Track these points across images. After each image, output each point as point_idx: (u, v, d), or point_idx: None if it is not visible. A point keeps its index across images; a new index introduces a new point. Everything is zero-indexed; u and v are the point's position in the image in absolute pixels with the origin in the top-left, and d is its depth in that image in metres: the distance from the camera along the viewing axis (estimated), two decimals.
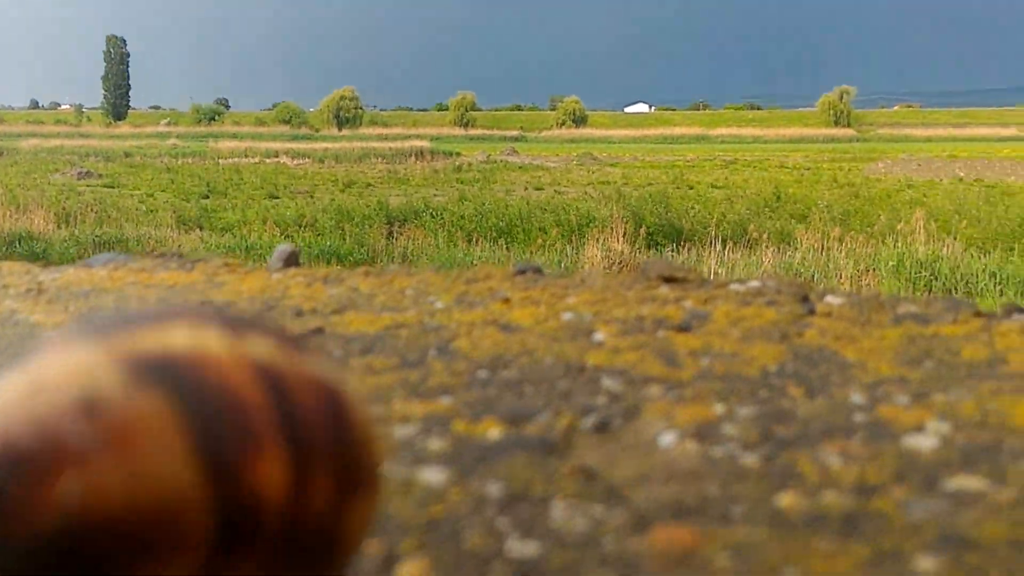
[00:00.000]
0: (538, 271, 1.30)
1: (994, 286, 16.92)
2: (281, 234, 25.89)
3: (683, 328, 0.98)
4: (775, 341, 0.93)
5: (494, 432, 0.74)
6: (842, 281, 17.43)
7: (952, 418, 0.75)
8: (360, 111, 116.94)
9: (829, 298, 1.11)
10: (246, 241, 23.49)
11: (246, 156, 67.27)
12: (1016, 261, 18.13)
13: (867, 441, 0.70)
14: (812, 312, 1.04)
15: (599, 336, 0.97)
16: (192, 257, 1.52)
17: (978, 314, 1.04)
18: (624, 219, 23.00)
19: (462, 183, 45.43)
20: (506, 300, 1.13)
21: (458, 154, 71.44)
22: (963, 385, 0.82)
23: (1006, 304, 1.06)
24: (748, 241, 22.26)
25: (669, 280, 1.19)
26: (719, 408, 0.76)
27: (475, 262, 21.73)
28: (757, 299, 1.11)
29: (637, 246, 21.84)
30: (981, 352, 0.90)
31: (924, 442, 0.70)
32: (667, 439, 0.72)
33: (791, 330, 0.97)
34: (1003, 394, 0.80)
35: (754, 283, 1.16)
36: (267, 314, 1.14)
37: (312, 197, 37.82)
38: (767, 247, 20.80)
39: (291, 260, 1.44)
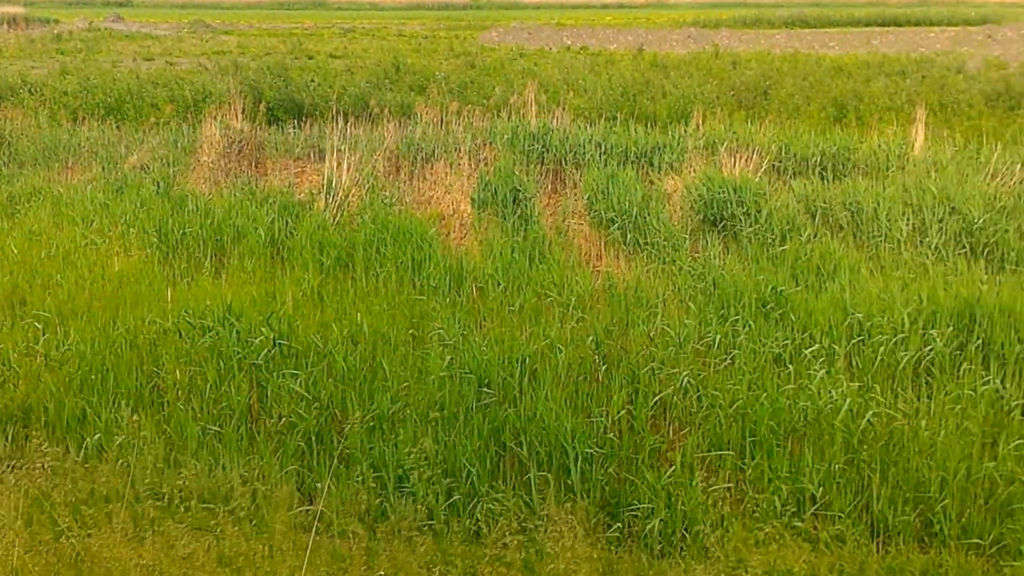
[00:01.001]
0: None
1: (599, 156, 17.99)
2: None
3: None
4: None
5: None
6: (461, 155, 17.84)
7: None
8: None
9: None
10: None
11: None
12: (618, 131, 19.30)
13: None
14: None
15: None
16: None
17: None
18: (243, 93, 22.17)
19: (63, 54, 41.96)
20: None
21: (57, 21, 65.78)
22: None
23: None
24: (370, 115, 22.22)
25: None
26: None
27: (83, 143, 20.22)
28: None
29: (257, 122, 21.19)
30: None
31: None
32: None
33: None
34: None
35: None
36: None
37: None
38: (388, 121, 20.87)
39: None
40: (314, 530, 6.79)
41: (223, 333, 10.22)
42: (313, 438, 8.52)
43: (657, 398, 9.03)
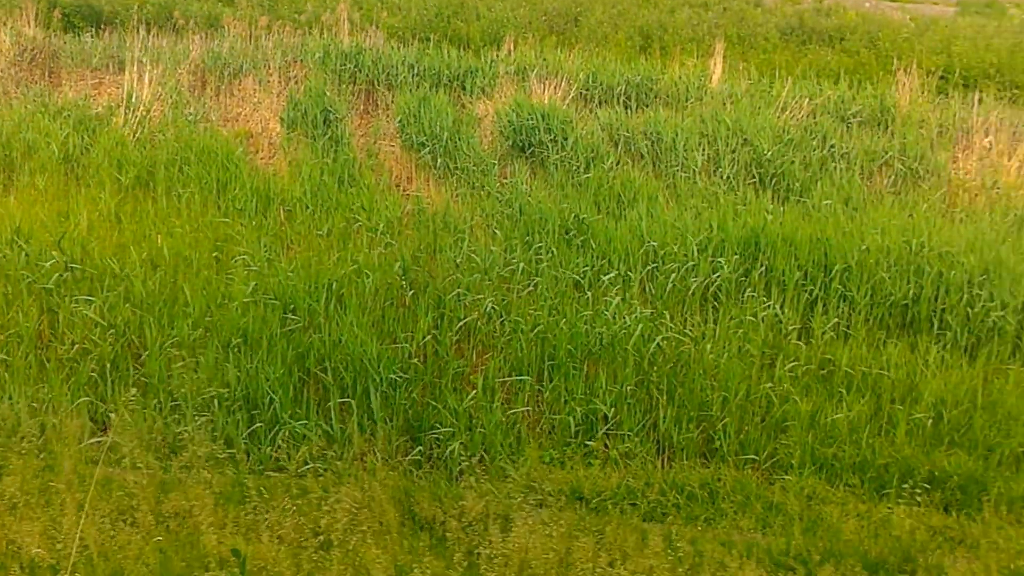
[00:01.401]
0: None
1: (412, 78, 17.83)
2: None
3: None
4: None
5: None
6: (270, 72, 17.41)
7: None
8: None
9: None
10: None
11: None
12: (432, 53, 19.13)
13: None
14: None
15: None
16: None
17: None
18: None
19: None
20: None
21: None
22: None
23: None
24: (175, 26, 21.32)
25: None
26: None
27: None
28: None
29: (52, 29, 20.06)
30: None
31: None
32: None
33: None
34: None
35: None
36: None
37: None
38: (194, 33, 20.09)
39: None
40: (102, 463, 6.64)
41: (11, 255, 9.81)
42: (108, 366, 8.32)
43: (462, 323, 9.21)
